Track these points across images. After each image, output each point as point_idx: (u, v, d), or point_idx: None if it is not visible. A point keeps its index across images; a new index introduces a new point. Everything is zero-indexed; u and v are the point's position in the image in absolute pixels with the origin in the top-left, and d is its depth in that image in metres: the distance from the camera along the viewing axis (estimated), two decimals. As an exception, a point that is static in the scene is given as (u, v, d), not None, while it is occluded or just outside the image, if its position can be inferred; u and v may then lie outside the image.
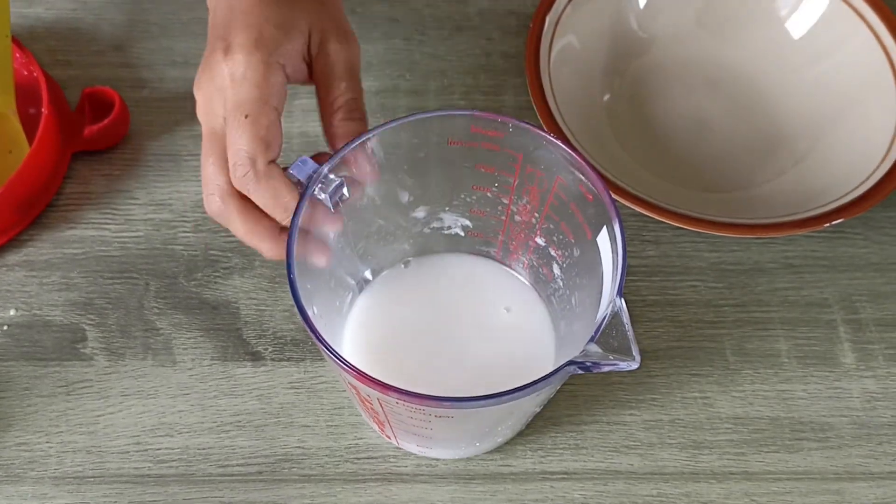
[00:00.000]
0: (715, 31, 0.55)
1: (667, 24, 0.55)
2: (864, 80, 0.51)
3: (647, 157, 0.52)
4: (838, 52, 0.52)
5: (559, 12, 0.51)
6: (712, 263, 0.49)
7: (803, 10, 0.53)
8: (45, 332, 0.46)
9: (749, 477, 0.43)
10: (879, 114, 0.50)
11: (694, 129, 0.53)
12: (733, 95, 0.54)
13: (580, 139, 0.48)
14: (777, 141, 0.52)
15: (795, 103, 0.53)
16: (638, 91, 0.54)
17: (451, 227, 0.44)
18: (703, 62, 0.55)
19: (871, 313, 0.48)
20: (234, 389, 0.45)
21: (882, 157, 0.48)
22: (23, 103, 0.50)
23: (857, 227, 0.51)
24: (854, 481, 0.43)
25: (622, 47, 0.55)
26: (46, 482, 0.42)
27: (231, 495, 0.42)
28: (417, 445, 0.42)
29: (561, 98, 0.49)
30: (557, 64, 0.50)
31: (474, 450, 0.43)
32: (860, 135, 0.50)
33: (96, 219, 0.49)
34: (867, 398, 0.46)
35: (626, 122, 0.53)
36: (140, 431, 0.43)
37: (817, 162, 0.50)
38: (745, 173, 0.52)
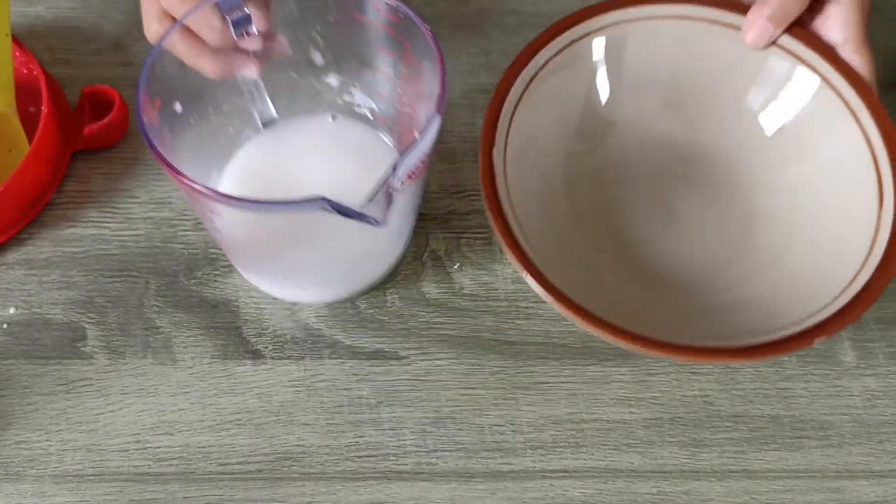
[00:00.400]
0: (683, 120, 0.50)
1: (631, 111, 0.49)
2: (847, 185, 0.44)
3: (612, 252, 0.46)
4: (820, 152, 0.46)
5: (514, 103, 0.45)
6: (712, 262, 0.49)
7: (779, 106, 0.47)
8: (44, 330, 0.46)
9: (749, 475, 0.43)
10: (860, 220, 0.43)
11: (662, 219, 0.48)
12: (705, 187, 0.48)
13: (535, 233, 0.42)
14: (751, 237, 0.47)
15: (772, 201, 0.47)
16: (602, 181, 0.48)
17: (361, 105, 0.47)
18: (671, 151, 0.49)
19: (871, 311, 0.48)
20: (234, 388, 0.45)
21: (859, 266, 0.41)
22: (23, 102, 0.50)
23: (858, 226, 0.51)
24: (854, 479, 0.43)
25: (585, 136, 0.49)
26: (46, 480, 0.42)
27: (231, 493, 0.42)
28: (280, 288, 0.45)
29: (517, 193, 0.43)
30: (514, 157, 0.44)
31: (339, 290, 0.46)
32: (837, 241, 0.43)
33: (96, 217, 0.49)
34: (867, 396, 0.46)
35: (589, 213, 0.47)
36: (140, 430, 0.43)
37: (792, 266, 0.44)
38: (716, 271, 0.46)
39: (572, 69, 0.47)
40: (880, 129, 0.43)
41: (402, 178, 0.35)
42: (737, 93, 0.48)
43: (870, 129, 0.43)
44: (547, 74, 0.46)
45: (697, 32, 0.47)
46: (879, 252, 0.41)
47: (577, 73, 0.47)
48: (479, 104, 0.54)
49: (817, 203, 0.45)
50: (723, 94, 0.49)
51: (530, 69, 0.45)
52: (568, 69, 0.47)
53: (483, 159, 0.42)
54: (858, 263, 0.41)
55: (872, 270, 0.40)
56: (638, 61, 0.48)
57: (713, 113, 0.49)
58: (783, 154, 0.47)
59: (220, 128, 0.46)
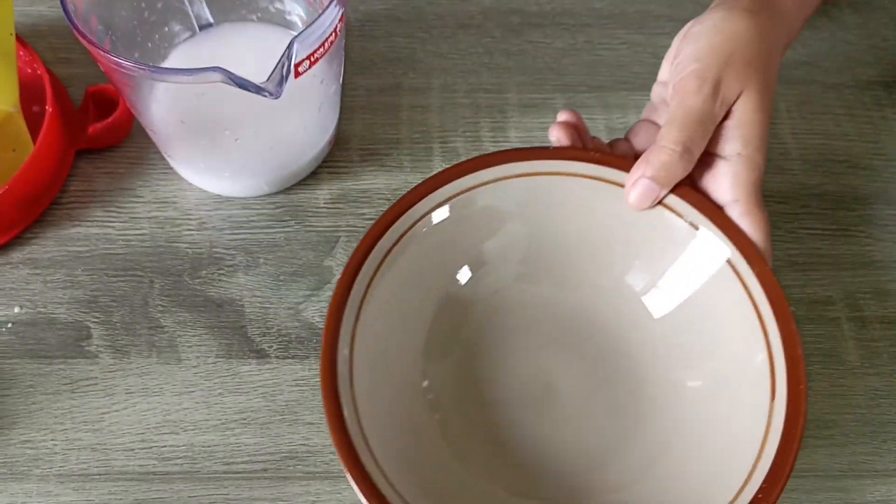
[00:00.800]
0: (555, 287, 0.45)
1: (491, 285, 0.45)
2: (735, 366, 0.41)
3: (484, 460, 0.42)
4: (707, 334, 0.42)
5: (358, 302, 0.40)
6: (716, 261, 0.49)
7: (660, 272, 0.44)
8: (49, 329, 0.46)
9: (754, 474, 0.43)
10: (751, 407, 0.39)
11: (541, 402, 0.43)
12: (587, 360, 0.44)
13: (387, 450, 0.38)
14: (640, 422, 0.42)
15: (658, 379, 0.43)
16: (469, 373, 0.44)
17: (291, 13, 0.49)
18: (546, 322, 0.45)
19: (875, 311, 0.48)
20: (239, 387, 0.45)
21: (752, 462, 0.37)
22: (27, 101, 0.50)
23: (861, 226, 0.51)
24: (859, 479, 0.43)
25: (443, 322, 0.44)
26: (51, 479, 0.42)
27: (236, 493, 0.42)
28: (206, 179, 0.48)
29: (365, 394, 0.38)
30: (362, 372, 0.39)
31: (260, 181, 0.48)
32: (729, 434, 0.39)
33: (100, 217, 0.49)
34: (871, 396, 0.46)
35: (454, 419, 0.42)
36: (145, 429, 0.43)
37: (679, 465, 0.40)
38: (600, 466, 0.41)
39: (414, 254, 0.42)
40: (772, 306, 0.39)
41: (299, 56, 0.39)
42: (614, 256, 0.44)
43: (762, 305, 0.40)
44: (383, 272, 0.41)
45: (567, 189, 0.43)
46: (769, 459, 0.37)
47: (422, 257, 0.43)
48: (483, 104, 0.54)
49: (707, 390, 0.41)
50: (597, 258, 0.45)
51: (370, 265, 0.40)
52: (408, 255, 0.42)
53: (325, 387, 0.37)
54: (748, 466, 0.37)
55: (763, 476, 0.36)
56: (491, 227, 0.44)
57: (589, 280, 0.45)
58: (667, 328, 0.43)
59: (154, 26, 0.48)
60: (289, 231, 0.49)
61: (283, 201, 0.50)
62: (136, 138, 0.52)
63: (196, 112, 0.44)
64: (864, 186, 0.52)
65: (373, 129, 0.53)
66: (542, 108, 0.54)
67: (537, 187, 0.43)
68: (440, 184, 0.42)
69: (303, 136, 0.48)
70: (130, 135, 0.52)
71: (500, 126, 0.53)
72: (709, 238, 0.41)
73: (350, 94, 0.54)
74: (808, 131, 0.54)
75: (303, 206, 0.50)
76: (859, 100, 0.56)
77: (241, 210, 0.50)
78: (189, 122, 0.45)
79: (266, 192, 0.50)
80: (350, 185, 0.51)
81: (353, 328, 0.39)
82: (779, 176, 0.52)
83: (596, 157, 0.43)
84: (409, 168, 0.52)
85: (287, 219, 0.50)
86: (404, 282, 0.42)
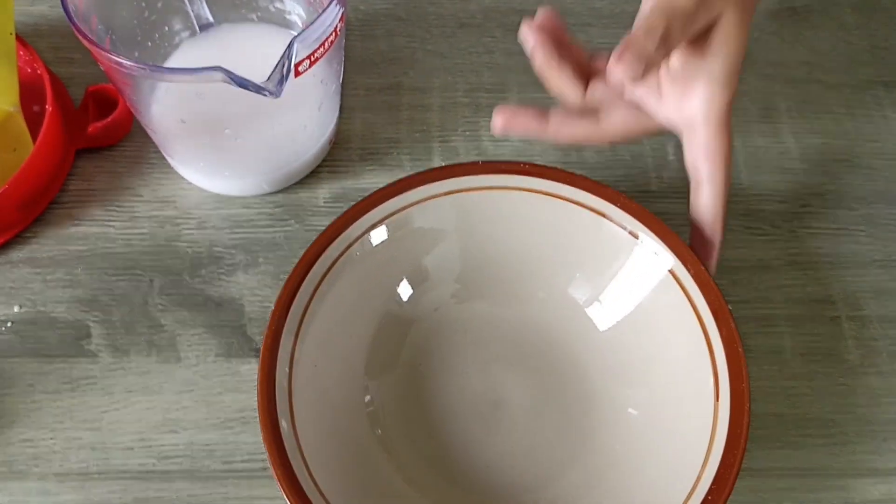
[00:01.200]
0: (493, 302, 0.46)
1: (432, 303, 0.45)
2: (681, 377, 0.41)
3: (429, 479, 0.41)
4: (655, 345, 0.42)
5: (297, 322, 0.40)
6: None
7: (606, 304, 0.44)
8: (49, 328, 0.46)
9: (753, 473, 0.43)
10: (698, 417, 0.39)
11: (489, 417, 0.43)
12: (534, 373, 0.44)
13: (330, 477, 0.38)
14: (589, 436, 0.42)
15: (603, 390, 0.43)
16: (414, 391, 0.44)
17: (291, 12, 0.49)
18: (491, 335, 0.45)
19: (875, 310, 0.48)
20: (239, 386, 0.45)
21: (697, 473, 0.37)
22: (27, 101, 0.50)
23: (861, 225, 0.51)
24: (859, 477, 0.43)
25: (384, 340, 0.44)
26: (51, 478, 0.42)
27: (236, 492, 0.42)
28: (205, 178, 0.48)
29: (304, 412, 0.39)
30: (300, 394, 0.39)
31: (261, 180, 0.48)
32: (680, 436, 0.40)
33: (100, 216, 0.49)
34: (871, 395, 0.46)
35: (396, 438, 0.42)
36: (145, 428, 0.43)
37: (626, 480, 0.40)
38: (547, 479, 0.42)
39: (352, 274, 0.42)
40: (711, 308, 0.40)
41: (300, 56, 0.39)
42: (556, 269, 0.44)
43: (702, 308, 0.40)
44: (323, 293, 0.41)
45: (501, 204, 0.43)
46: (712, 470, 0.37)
47: (362, 277, 0.43)
48: (483, 103, 0.54)
49: (654, 398, 0.41)
50: (539, 271, 0.45)
51: (308, 285, 0.41)
52: (346, 275, 0.42)
53: (263, 412, 0.37)
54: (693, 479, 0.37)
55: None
56: (427, 246, 0.44)
57: (532, 294, 0.45)
58: (613, 338, 0.43)
59: (154, 25, 0.48)
60: (288, 230, 0.49)
61: (283, 200, 0.50)
62: (135, 137, 0.52)
63: (196, 111, 0.44)
64: (865, 186, 0.52)
65: (373, 128, 0.53)
66: (543, 107, 0.54)
67: (469, 204, 0.43)
68: (371, 206, 0.43)
69: (303, 135, 0.48)
70: (130, 134, 0.52)
71: (500, 125, 0.53)
72: (649, 247, 0.42)
73: (350, 93, 0.54)
74: (808, 131, 0.54)
75: (303, 205, 0.50)
76: (860, 99, 0.56)
77: (241, 209, 0.50)
78: (189, 122, 0.45)
79: (266, 192, 0.50)
80: (350, 184, 0.51)
81: (292, 347, 0.39)
82: (779, 175, 0.52)
83: (528, 170, 0.43)
84: (409, 167, 0.52)
85: (287, 218, 0.50)
86: (345, 301, 0.42)
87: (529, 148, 0.53)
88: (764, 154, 0.53)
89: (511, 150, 0.53)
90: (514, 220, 0.44)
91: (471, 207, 0.43)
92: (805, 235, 0.50)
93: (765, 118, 0.54)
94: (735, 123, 0.54)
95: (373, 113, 0.54)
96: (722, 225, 0.42)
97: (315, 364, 0.40)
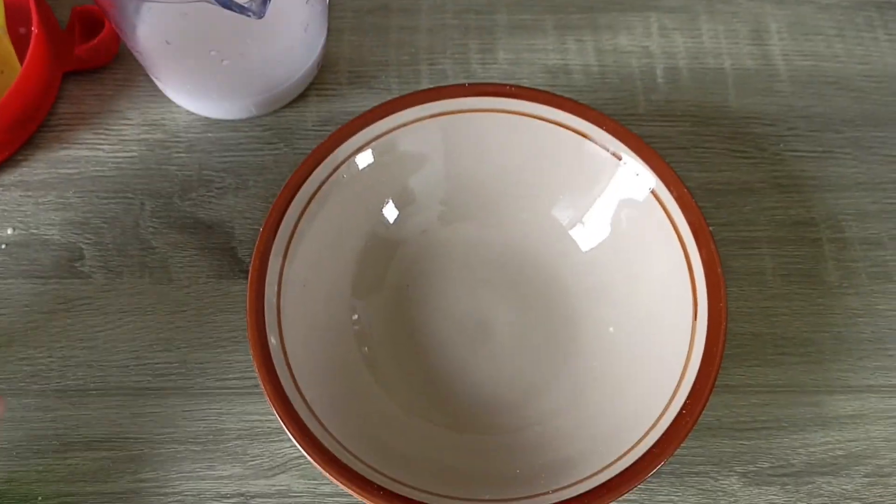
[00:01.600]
0: (484, 224, 0.46)
1: (418, 226, 0.46)
2: (663, 302, 0.42)
3: (408, 389, 0.43)
4: (637, 266, 0.43)
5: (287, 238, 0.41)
6: (701, 183, 0.49)
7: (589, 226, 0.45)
8: (43, 250, 0.47)
9: (730, 390, 0.44)
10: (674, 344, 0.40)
11: (477, 336, 0.44)
12: (520, 296, 0.45)
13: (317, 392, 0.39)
14: (573, 354, 0.44)
15: (585, 310, 0.44)
16: (400, 311, 0.45)
17: None
18: (477, 258, 0.46)
19: (856, 232, 0.49)
20: (230, 306, 0.46)
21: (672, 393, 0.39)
22: (12, 23, 0.50)
23: (847, 148, 0.51)
24: (832, 394, 0.45)
25: (371, 262, 0.45)
26: (49, 395, 0.43)
27: (229, 407, 0.43)
28: (193, 100, 0.48)
29: (292, 329, 0.40)
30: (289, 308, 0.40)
31: (248, 102, 0.48)
32: (659, 353, 0.41)
33: (90, 139, 0.50)
34: (849, 315, 0.47)
35: (380, 342, 0.44)
36: (139, 346, 0.45)
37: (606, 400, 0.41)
38: (532, 398, 0.43)
39: (339, 197, 0.43)
40: (692, 229, 0.40)
41: None
42: (539, 191, 0.45)
43: (683, 228, 0.41)
44: (310, 215, 0.42)
45: (486, 126, 0.43)
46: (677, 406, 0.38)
47: (348, 200, 0.43)
48: (472, 25, 0.54)
49: (635, 316, 0.42)
50: (523, 194, 0.45)
51: (295, 208, 0.41)
52: (333, 199, 0.42)
53: (251, 317, 0.38)
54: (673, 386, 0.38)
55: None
56: (413, 168, 0.44)
57: (516, 216, 0.45)
58: (595, 259, 0.44)
59: None
60: (277, 153, 0.49)
61: (271, 123, 0.50)
62: (123, 60, 0.52)
63: (181, 32, 0.44)
64: (853, 108, 0.52)
65: (361, 51, 0.53)
66: (532, 29, 0.54)
67: (455, 126, 0.44)
68: (357, 129, 0.43)
69: (289, 57, 0.48)
70: (118, 57, 0.52)
71: (488, 48, 0.53)
72: (632, 168, 0.42)
73: (337, 15, 0.54)
74: (798, 52, 0.54)
75: (291, 128, 0.50)
76: (851, 20, 0.55)
77: (230, 132, 0.50)
78: (174, 43, 0.45)
79: (254, 115, 0.50)
80: (338, 107, 0.51)
81: (280, 268, 0.40)
82: (768, 98, 0.52)
83: (513, 92, 0.43)
84: (396, 90, 0.52)
85: (276, 141, 0.50)
86: (332, 223, 0.42)
87: (518, 70, 0.53)
88: (753, 77, 0.53)
89: (499, 73, 0.52)
90: (500, 142, 0.44)
91: (456, 130, 0.44)
92: (790, 158, 0.51)
93: (755, 40, 0.54)
94: (725, 46, 0.54)
95: (360, 35, 0.53)
96: None
97: (304, 284, 0.41)
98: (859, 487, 0.43)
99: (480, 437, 0.42)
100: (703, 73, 0.53)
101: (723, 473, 0.43)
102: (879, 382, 0.45)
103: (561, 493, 0.36)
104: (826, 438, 0.44)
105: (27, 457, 0.42)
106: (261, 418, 0.43)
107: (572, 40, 0.54)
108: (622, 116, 0.51)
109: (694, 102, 0.52)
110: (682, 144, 0.51)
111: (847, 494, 0.43)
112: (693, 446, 0.43)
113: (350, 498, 0.42)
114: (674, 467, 0.43)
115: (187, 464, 0.42)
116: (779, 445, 0.43)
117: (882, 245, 0.48)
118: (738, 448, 0.43)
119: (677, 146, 0.50)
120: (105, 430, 0.43)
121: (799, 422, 0.44)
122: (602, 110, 0.44)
